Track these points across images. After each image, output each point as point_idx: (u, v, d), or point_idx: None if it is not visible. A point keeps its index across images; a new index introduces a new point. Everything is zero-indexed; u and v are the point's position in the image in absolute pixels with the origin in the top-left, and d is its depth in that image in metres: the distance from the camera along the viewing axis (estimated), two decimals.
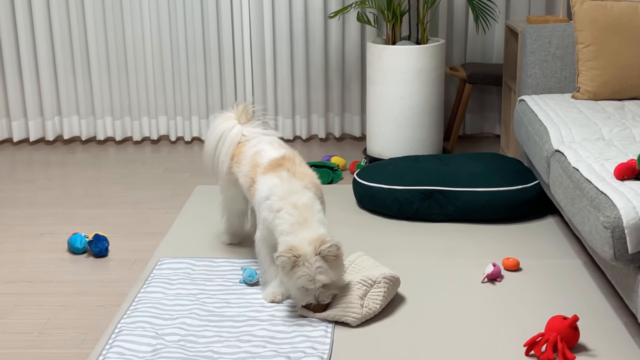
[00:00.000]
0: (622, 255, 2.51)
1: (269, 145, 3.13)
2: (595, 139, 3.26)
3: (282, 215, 2.81)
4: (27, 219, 3.89)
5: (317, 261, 2.70)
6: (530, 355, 2.57)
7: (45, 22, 4.98)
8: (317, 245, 2.70)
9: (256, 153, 3.10)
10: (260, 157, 3.05)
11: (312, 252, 2.70)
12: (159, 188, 4.31)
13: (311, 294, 2.75)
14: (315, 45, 4.97)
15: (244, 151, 3.18)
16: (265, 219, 2.89)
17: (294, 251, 2.70)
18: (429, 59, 4.24)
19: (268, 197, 2.89)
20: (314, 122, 5.15)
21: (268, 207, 2.87)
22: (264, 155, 3.05)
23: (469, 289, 3.02)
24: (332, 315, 2.78)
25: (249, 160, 3.10)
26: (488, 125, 5.18)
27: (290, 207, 2.82)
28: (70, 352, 2.67)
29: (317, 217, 2.82)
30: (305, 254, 2.69)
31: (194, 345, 2.64)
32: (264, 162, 3.02)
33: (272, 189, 2.89)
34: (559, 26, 3.98)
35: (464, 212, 3.66)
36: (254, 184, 3.02)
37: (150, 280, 3.12)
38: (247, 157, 3.13)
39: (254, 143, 3.19)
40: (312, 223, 2.78)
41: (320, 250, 2.70)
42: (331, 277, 2.73)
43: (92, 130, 5.20)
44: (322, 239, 2.72)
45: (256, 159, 3.06)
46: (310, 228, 2.77)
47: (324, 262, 2.71)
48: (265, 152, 3.07)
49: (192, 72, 5.05)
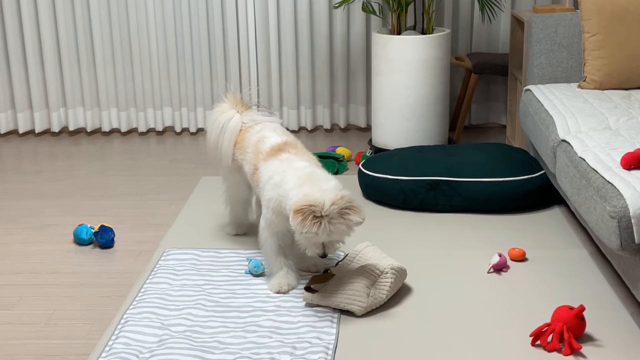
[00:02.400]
0: (629, 245, 2.51)
1: (272, 132, 3.12)
2: (601, 129, 3.25)
3: (287, 180, 2.80)
4: (32, 210, 3.90)
5: (333, 218, 2.65)
6: (537, 345, 2.57)
7: (50, 14, 4.97)
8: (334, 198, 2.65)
9: (259, 140, 3.09)
10: (262, 145, 3.05)
11: (328, 203, 2.64)
12: (165, 179, 4.31)
13: (320, 245, 2.71)
14: (320, 35, 4.96)
15: (247, 137, 3.18)
16: (271, 198, 2.86)
17: (310, 200, 2.64)
18: (434, 49, 4.22)
19: (270, 177, 2.89)
20: (319, 112, 5.14)
21: (272, 185, 2.86)
22: (266, 142, 3.05)
23: (475, 280, 3.02)
24: (336, 303, 2.78)
25: (253, 148, 3.10)
26: (494, 116, 5.17)
27: (293, 171, 2.82)
28: (76, 342, 2.67)
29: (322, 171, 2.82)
30: (323, 205, 2.64)
31: (200, 336, 2.65)
32: (266, 148, 3.02)
33: (274, 169, 2.89)
34: (565, 15, 3.96)
35: (470, 203, 3.66)
36: (257, 171, 3.02)
37: (156, 271, 3.12)
38: (251, 144, 3.12)
39: (258, 129, 3.18)
40: (320, 177, 2.76)
41: (336, 202, 2.65)
42: (345, 234, 2.70)
43: (97, 121, 5.21)
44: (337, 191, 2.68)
45: (259, 146, 3.06)
46: (321, 180, 2.74)
47: (339, 218, 2.66)
48: (267, 139, 3.06)
49: (197, 63, 5.05)
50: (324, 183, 2.72)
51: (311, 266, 3.11)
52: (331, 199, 2.65)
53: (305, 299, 2.84)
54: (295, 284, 2.97)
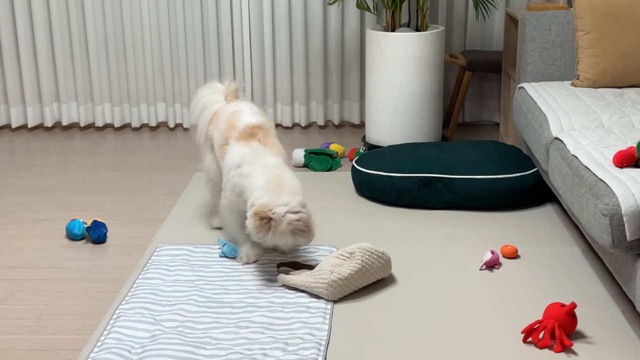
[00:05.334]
0: (621, 242, 2.51)
1: (248, 108, 3.23)
2: (594, 127, 3.26)
3: (255, 175, 2.91)
4: (25, 205, 3.89)
5: (284, 233, 2.80)
6: (528, 342, 2.57)
7: (44, 8, 4.96)
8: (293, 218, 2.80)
9: (233, 113, 3.20)
10: (237, 119, 3.15)
11: (286, 222, 2.79)
12: (158, 175, 4.31)
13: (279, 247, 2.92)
14: (315, 32, 4.95)
15: (222, 111, 3.29)
16: (236, 184, 3.00)
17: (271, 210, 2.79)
18: (428, 46, 4.23)
19: (239, 164, 3.00)
20: (313, 109, 5.14)
21: (239, 174, 2.98)
22: (241, 117, 3.16)
23: (467, 276, 3.03)
24: (300, 283, 2.88)
25: (226, 119, 3.20)
26: (487, 113, 5.17)
27: (262, 167, 2.93)
28: (68, 337, 2.67)
29: (290, 176, 2.92)
30: (281, 221, 2.79)
31: (192, 332, 2.64)
32: (240, 126, 3.12)
33: (244, 157, 3.00)
34: (559, 13, 3.97)
35: (463, 200, 3.66)
36: (226, 145, 3.12)
37: (148, 267, 3.12)
38: (224, 115, 3.23)
39: (233, 104, 3.31)
40: (287, 187, 2.87)
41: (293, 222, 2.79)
42: (290, 246, 2.91)
43: (90, 116, 5.19)
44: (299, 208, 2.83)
45: (233, 120, 3.16)
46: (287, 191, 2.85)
47: (289, 234, 2.82)
48: (243, 114, 3.17)
49: (190, 58, 5.04)
50: (289, 197, 2.84)
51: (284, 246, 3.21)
52: (290, 219, 2.79)
53: (278, 279, 2.97)
54: (261, 253, 3.16)
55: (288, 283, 2.92)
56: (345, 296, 2.87)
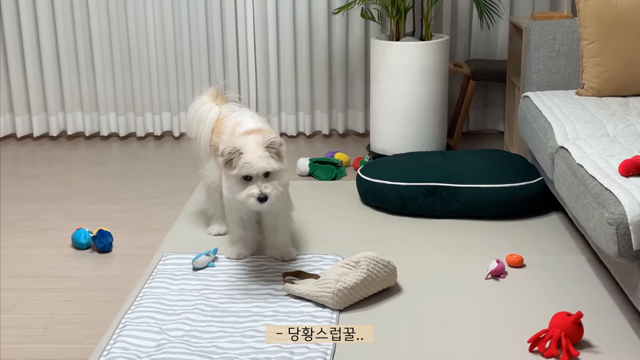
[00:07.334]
0: (627, 251, 2.51)
1: (250, 118, 3.26)
2: (599, 136, 3.26)
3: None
4: (31, 214, 3.90)
5: (259, 150, 2.86)
6: (534, 351, 2.57)
7: (49, 18, 4.98)
8: (261, 140, 2.89)
9: (237, 124, 3.23)
10: (239, 128, 3.19)
11: (254, 144, 2.88)
12: (163, 184, 4.32)
13: (255, 184, 2.87)
14: (319, 41, 4.96)
15: (225, 122, 3.33)
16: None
17: (236, 146, 2.87)
18: (433, 55, 4.23)
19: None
20: (318, 118, 5.15)
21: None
22: (242, 126, 3.20)
23: (473, 285, 3.02)
24: (306, 292, 2.88)
25: (229, 130, 3.23)
26: (492, 122, 5.17)
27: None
28: (74, 347, 2.67)
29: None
30: (248, 145, 2.87)
31: (198, 341, 2.64)
32: (240, 131, 3.15)
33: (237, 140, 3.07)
34: (564, 22, 3.98)
35: (468, 209, 3.66)
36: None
37: (154, 276, 3.12)
38: (228, 127, 3.26)
39: (236, 115, 3.33)
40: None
41: (264, 142, 2.88)
42: (273, 165, 2.88)
43: (95, 125, 5.21)
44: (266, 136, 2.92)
45: (236, 129, 3.19)
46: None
47: (265, 152, 2.87)
48: (244, 124, 3.20)
49: (195, 68, 5.05)
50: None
51: (285, 255, 3.23)
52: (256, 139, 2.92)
53: (284, 289, 2.97)
54: (251, 252, 3.27)
55: (293, 292, 2.92)
56: (351, 305, 2.87)
